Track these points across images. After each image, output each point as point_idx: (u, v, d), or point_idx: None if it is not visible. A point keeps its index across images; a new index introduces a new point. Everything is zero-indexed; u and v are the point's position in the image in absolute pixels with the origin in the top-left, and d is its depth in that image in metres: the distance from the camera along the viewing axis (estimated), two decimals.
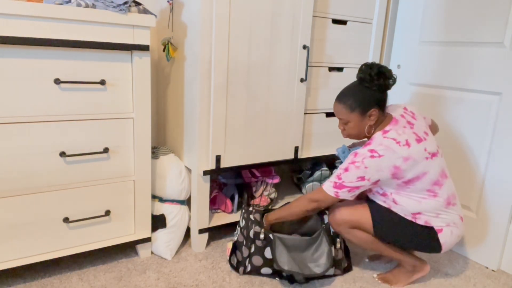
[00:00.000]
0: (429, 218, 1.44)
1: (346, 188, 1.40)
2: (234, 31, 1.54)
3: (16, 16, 1.19)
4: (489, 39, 1.69)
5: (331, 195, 1.42)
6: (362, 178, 1.38)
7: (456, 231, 1.47)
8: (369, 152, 1.38)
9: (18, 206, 1.34)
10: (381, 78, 1.41)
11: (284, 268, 1.44)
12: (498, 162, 1.70)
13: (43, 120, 1.32)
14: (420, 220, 1.44)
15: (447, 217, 1.45)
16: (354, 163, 1.38)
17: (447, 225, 1.45)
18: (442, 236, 1.44)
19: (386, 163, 1.36)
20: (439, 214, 1.45)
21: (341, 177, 1.40)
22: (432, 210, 1.43)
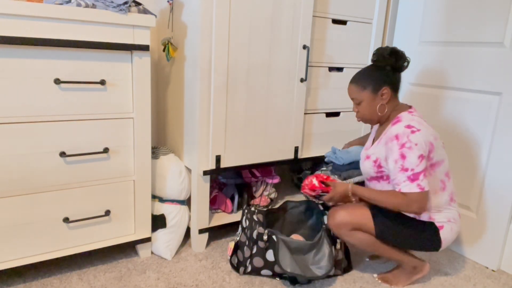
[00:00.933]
0: (433, 214, 1.44)
1: (421, 174, 1.35)
2: (234, 31, 1.54)
3: (16, 16, 1.19)
4: (489, 39, 1.69)
5: (417, 190, 1.35)
6: (422, 157, 1.35)
7: (455, 227, 1.47)
8: (407, 128, 1.37)
9: (18, 206, 1.34)
10: (393, 57, 1.43)
11: (287, 270, 1.44)
12: (498, 162, 1.70)
13: (43, 120, 1.32)
14: (424, 216, 1.44)
15: (448, 212, 1.46)
16: (403, 146, 1.35)
17: (448, 220, 1.45)
18: (443, 232, 1.44)
19: (425, 137, 1.36)
20: (442, 210, 1.45)
21: (407, 167, 1.35)
22: (437, 205, 1.44)
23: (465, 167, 1.82)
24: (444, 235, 1.44)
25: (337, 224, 1.48)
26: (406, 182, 1.36)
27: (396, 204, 1.39)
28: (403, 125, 1.39)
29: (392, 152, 1.39)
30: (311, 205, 1.80)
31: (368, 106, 1.48)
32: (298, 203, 1.82)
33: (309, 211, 1.81)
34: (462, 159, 1.83)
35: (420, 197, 1.35)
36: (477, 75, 1.74)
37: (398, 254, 1.53)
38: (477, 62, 1.74)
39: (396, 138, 1.38)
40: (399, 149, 1.36)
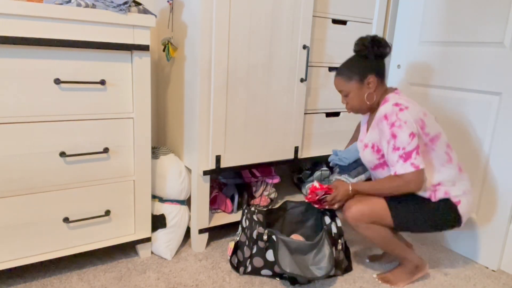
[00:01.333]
0: (448, 188, 1.43)
1: (413, 152, 1.35)
2: (234, 31, 1.54)
3: (16, 16, 1.19)
4: (489, 39, 1.69)
5: (412, 170, 1.35)
6: (412, 135, 1.35)
7: (471, 199, 1.47)
8: (395, 106, 1.37)
9: (18, 206, 1.34)
10: (375, 46, 1.44)
11: (287, 270, 1.44)
12: (498, 162, 1.70)
13: (43, 120, 1.32)
14: (439, 192, 1.43)
15: (462, 184, 1.46)
16: (393, 125, 1.36)
17: (463, 193, 1.45)
18: (461, 207, 1.44)
19: (414, 113, 1.37)
20: (455, 183, 1.45)
21: (398, 147, 1.36)
22: (449, 178, 1.44)
23: (465, 167, 1.82)
24: (463, 209, 1.44)
25: (355, 216, 1.46)
26: (399, 162, 1.37)
27: (395, 187, 1.40)
28: (390, 103, 1.40)
29: (384, 133, 1.39)
30: (311, 205, 1.80)
31: (356, 97, 1.49)
32: (298, 203, 1.82)
33: (309, 211, 1.81)
34: (462, 159, 1.83)
35: (416, 176, 1.36)
36: (477, 75, 1.74)
37: (405, 251, 1.53)
38: (477, 62, 1.74)
39: (385, 118, 1.38)
40: (390, 129, 1.37)
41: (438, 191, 1.44)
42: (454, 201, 1.44)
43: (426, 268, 1.59)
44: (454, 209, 1.44)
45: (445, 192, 1.44)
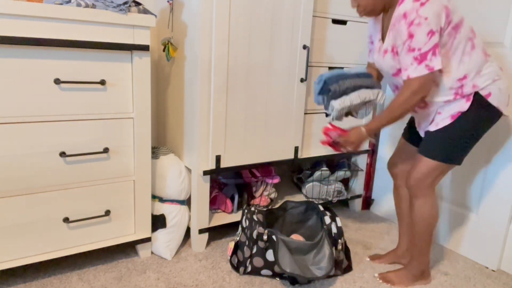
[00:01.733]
0: (475, 80, 1.35)
1: (429, 53, 1.25)
2: (234, 31, 1.54)
3: (16, 16, 1.19)
4: (489, 39, 1.69)
5: (426, 72, 1.27)
6: (431, 33, 1.25)
7: (502, 85, 1.37)
8: (415, 2, 1.25)
9: (18, 206, 1.34)
10: None
11: (286, 270, 1.44)
12: (498, 162, 1.70)
13: (43, 120, 1.32)
14: (467, 87, 1.35)
15: (490, 70, 1.36)
16: (412, 23, 1.25)
17: (493, 80, 1.35)
18: (493, 99, 1.35)
19: (437, 5, 1.25)
20: (481, 71, 1.35)
21: (413, 47, 1.26)
22: (475, 66, 1.34)
23: (465, 167, 1.82)
24: (494, 100, 1.35)
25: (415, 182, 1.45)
26: (413, 64, 1.28)
27: (403, 100, 1.31)
28: (410, 0, 1.26)
29: (401, 33, 1.29)
30: (311, 205, 1.80)
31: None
32: (298, 203, 1.82)
33: (309, 211, 1.81)
34: None
35: (425, 80, 1.28)
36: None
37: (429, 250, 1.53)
38: None
39: (404, 17, 1.27)
40: (408, 28, 1.26)
41: (465, 86, 1.35)
42: (484, 95, 1.34)
43: (429, 279, 1.60)
44: (486, 104, 1.34)
45: (473, 86, 1.34)
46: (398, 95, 1.34)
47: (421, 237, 1.51)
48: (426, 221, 1.48)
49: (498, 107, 1.37)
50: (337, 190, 2.14)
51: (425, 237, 1.50)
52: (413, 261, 1.57)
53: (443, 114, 1.41)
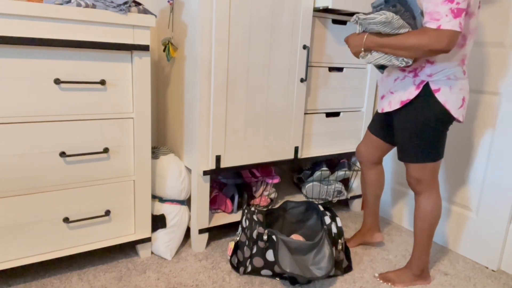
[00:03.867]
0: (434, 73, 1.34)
1: (463, 12, 1.18)
2: (234, 31, 1.54)
3: (16, 16, 1.19)
4: (489, 39, 1.69)
5: (457, 30, 1.18)
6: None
7: (456, 85, 1.34)
8: None
9: (18, 206, 1.34)
10: None
11: (286, 270, 1.44)
12: (498, 162, 1.70)
13: (43, 120, 1.32)
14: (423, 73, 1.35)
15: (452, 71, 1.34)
16: None
17: (447, 78, 1.34)
18: (440, 95, 1.34)
19: None
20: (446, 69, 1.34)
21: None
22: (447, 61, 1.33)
23: (465, 167, 1.82)
24: (441, 96, 1.34)
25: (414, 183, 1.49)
26: (449, 16, 1.17)
27: (423, 40, 1.21)
28: None
29: None
30: (311, 205, 1.80)
31: None
32: (298, 203, 1.82)
33: (309, 211, 1.81)
34: (462, 159, 1.83)
35: (455, 35, 1.19)
36: (477, 75, 1.74)
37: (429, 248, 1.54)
38: (477, 62, 1.74)
39: None
40: None
41: (425, 69, 1.35)
42: (432, 89, 1.34)
43: (429, 279, 1.60)
44: (432, 99, 1.34)
45: (430, 74, 1.34)
46: (422, 33, 1.22)
47: (422, 235, 1.51)
48: (428, 219, 1.49)
49: (445, 105, 1.34)
50: (337, 190, 2.14)
51: (426, 235, 1.51)
52: (413, 260, 1.57)
53: (395, 95, 1.45)
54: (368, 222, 1.84)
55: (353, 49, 1.45)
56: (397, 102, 1.44)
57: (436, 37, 1.19)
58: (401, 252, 1.84)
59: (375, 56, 1.38)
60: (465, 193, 1.84)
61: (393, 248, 1.87)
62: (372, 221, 1.83)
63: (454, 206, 1.89)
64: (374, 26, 1.33)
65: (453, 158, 1.87)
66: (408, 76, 1.41)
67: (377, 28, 1.33)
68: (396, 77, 1.45)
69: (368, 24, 1.34)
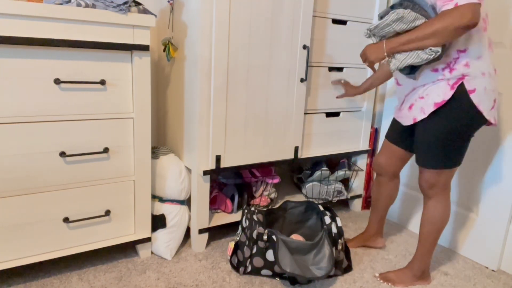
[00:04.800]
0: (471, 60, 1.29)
1: None
2: (234, 31, 1.54)
3: (16, 16, 1.19)
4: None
5: (475, 2, 1.15)
6: None
7: (489, 85, 1.31)
8: None
9: (18, 206, 1.34)
10: None
11: (287, 270, 1.44)
12: (498, 162, 1.70)
13: (43, 120, 1.32)
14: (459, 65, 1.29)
15: (486, 62, 1.30)
16: None
17: (482, 74, 1.29)
18: (475, 96, 1.29)
19: None
20: (481, 56, 1.29)
21: None
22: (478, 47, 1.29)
23: (465, 167, 1.82)
24: (476, 97, 1.29)
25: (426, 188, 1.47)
26: None
27: (447, 21, 1.18)
28: None
29: None
30: (311, 205, 1.80)
31: None
32: (298, 203, 1.82)
33: (309, 211, 1.81)
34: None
35: (476, 7, 1.15)
36: None
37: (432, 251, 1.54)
38: None
39: None
40: None
41: (458, 61, 1.29)
42: (468, 89, 1.29)
43: (429, 280, 1.60)
44: (467, 100, 1.29)
45: (465, 64, 1.28)
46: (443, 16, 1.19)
47: (428, 238, 1.51)
48: (437, 224, 1.49)
49: (478, 106, 1.31)
50: (337, 190, 2.14)
51: (432, 239, 1.51)
52: (415, 261, 1.57)
53: (426, 99, 1.36)
54: (373, 228, 1.83)
55: (372, 57, 1.37)
56: (430, 105, 1.34)
57: (459, 13, 1.16)
58: (401, 252, 1.84)
59: (401, 58, 1.31)
60: (465, 193, 1.84)
61: (393, 248, 1.87)
62: (378, 227, 1.82)
63: (455, 206, 1.89)
64: (389, 29, 1.31)
65: None
66: (441, 76, 1.32)
67: (393, 28, 1.30)
68: (425, 83, 1.37)
69: (382, 29, 1.33)
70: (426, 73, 1.36)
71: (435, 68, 1.34)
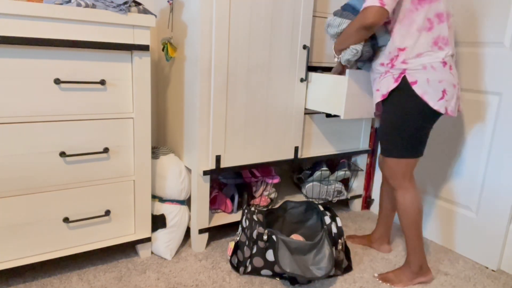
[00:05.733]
0: (410, 58, 1.38)
1: None
2: (234, 31, 1.54)
3: (16, 16, 1.19)
4: (489, 39, 1.69)
5: (377, 4, 1.29)
6: None
7: (433, 76, 1.37)
8: None
9: (18, 206, 1.34)
10: None
11: (286, 270, 1.44)
12: (498, 162, 1.70)
13: (43, 120, 1.32)
14: (398, 61, 1.40)
15: (428, 59, 1.38)
16: None
17: (423, 68, 1.37)
18: (418, 87, 1.38)
19: None
20: (421, 54, 1.38)
21: None
22: (418, 46, 1.38)
23: (465, 167, 1.82)
24: (419, 89, 1.37)
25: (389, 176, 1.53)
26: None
27: (355, 25, 1.37)
28: None
29: None
30: (311, 205, 1.80)
31: None
32: (298, 203, 1.82)
33: (309, 211, 1.81)
34: (462, 159, 1.83)
35: (376, 11, 1.30)
36: (477, 75, 1.74)
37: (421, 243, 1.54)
38: (477, 62, 1.74)
39: None
40: None
41: (398, 58, 1.40)
42: (409, 81, 1.38)
43: (430, 276, 1.59)
44: (411, 92, 1.39)
45: (403, 61, 1.39)
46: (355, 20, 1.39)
47: (409, 230, 1.53)
48: (410, 214, 1.51)
49: (422, 97, 1.38)
50: (337, 190, 2.14)
51: (413, 230, 1.52)
52: (409, 258, 1.57)
53: (378, 92, 1.50)
54: (380, 231, 1.82)
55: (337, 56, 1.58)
56: (378, 96, 1.49)
57: (362, 14, 1.33)
58: (401, 252, 1.84)
59: (343, 55, 1.53)
60: (465, 193, 1.84)
61: (393, 248, 1.87)
62: (384, 231, 1.81)
63: (454, 206, 1.89)
64: (329, 31, 1.59)
65: (453, 158, 1.87)
66: (387, 70, 1.46)
67: (330, 34, 1.59)
68: (379, 75, 1.51)
69: (326, 32, 1.63)
70: (376, 67, 1.51)
71: (381, 62, 1.47)
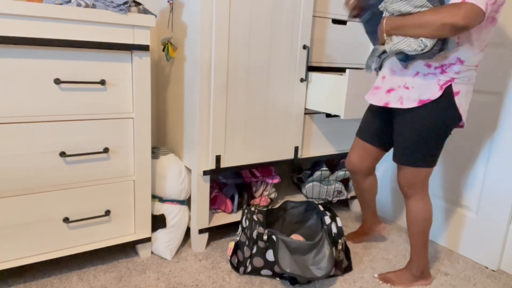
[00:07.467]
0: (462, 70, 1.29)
1: None
2: (234, 31, 1.54)
3: (16, 16, 1.19)
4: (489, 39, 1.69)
5: (483, 6, 1.08)
6: None
7: (470, 88, 1.34)
8: None
9: (18, 206, 1.34)
10: None
11: (286, 270, 1.44)
12: (498, 162, 1.70)
13: (43, 120, 1.32)
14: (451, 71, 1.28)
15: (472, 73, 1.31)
16: None
17: (469, 80, 1.32)
18: (459, 98, 1.31)
19: None
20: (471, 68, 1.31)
21: None
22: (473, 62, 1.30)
23: (465, 167, 1.82)
24: (459, 99, 1.31)
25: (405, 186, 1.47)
26: None
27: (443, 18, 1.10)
28: None
29: None
30: (311, 205, 1.80)
31: None
32: (298, 203, 1.82)
33: (309, 211, 1.81)
34: (462, 159, 1.83)
35: (478, 13, 1.08)
36: (478, 75, 1.74)
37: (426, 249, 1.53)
38: None
39: None
40: None
41: (454, 66, 1.28)
42: (454, 91, 1.30)
43: (430, 279, 1.59)
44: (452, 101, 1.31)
45: (458, 71, 1.28)
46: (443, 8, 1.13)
47: (417, 238, 1.51)
48: (420, 222, 1.49)
49: (459, 108, 1.32)
50: (337, 190, 2.14)
51: (421, 238, 1.51)
52: (411, 262, 1.57)
53: (411, 91, 1.34)
54: (369, 221, 1.86)
55: (380, 39, 1.32)
56: (413, 100, 1.32)
57: (454, 10, 1.09)
58: (401, 252, 1.84)
59: (395, 40, 1.25)
60: (465, 193, 1.84)
61: (393, 248, 1.87)
62: (373, 218, 1.85)
63: (454, 206, 1.89)
64: (395, 6, 1.23)
65: (453, 158, 1.87)
66: (432, 73, 1.30)
67: (398, 7, 1.23)
68: (417, 71, 1.33)
69: (391, 4, 1.25)
70: (419, 64, 1.33)
71: (428, 63, 1.32)
